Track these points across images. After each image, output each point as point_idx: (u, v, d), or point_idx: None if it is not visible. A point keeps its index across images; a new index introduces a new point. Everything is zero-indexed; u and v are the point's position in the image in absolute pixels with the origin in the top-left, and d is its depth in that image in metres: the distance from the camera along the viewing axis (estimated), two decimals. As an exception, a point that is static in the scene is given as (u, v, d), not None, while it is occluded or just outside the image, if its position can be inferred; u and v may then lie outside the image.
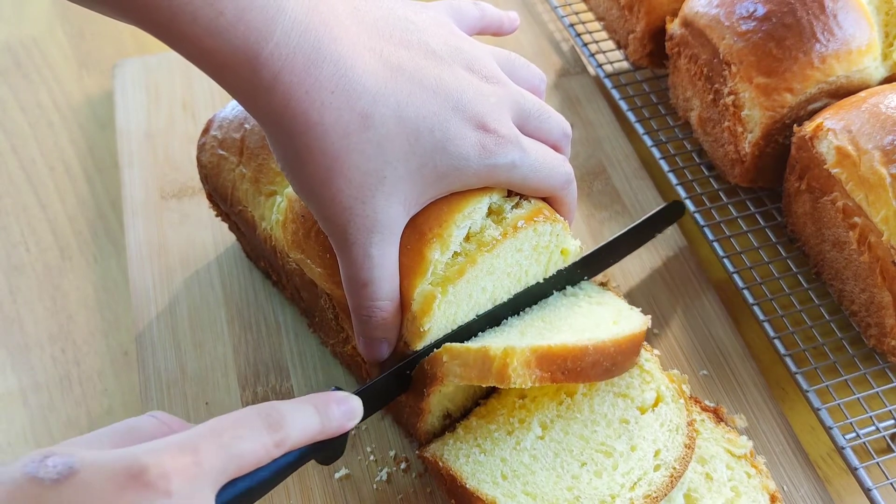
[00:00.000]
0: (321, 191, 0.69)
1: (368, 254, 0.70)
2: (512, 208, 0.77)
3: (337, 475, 0.81)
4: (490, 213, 0.77)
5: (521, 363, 0.70)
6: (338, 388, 0.68)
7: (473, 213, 0.75)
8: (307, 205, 0.72)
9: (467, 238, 0.75)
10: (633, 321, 0.79)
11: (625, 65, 1.14)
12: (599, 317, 0.79)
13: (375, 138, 0.68)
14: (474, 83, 0.73)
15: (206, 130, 0.91)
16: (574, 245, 0.82)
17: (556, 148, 0.79)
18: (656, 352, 0.81)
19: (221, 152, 0.87)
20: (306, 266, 0.79)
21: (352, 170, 0.68)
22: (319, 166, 0.68)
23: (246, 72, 0.64)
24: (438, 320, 0.74)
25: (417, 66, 0.70)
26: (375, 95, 0.67)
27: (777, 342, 0.87)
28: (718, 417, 0.81)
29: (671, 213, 0.95)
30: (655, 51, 1.08)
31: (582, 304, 0.82)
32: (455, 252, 0.74)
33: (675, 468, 0.73)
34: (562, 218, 0.79)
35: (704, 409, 0.81)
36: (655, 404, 0.78)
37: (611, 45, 1.16)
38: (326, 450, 0.67)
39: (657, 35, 1.06)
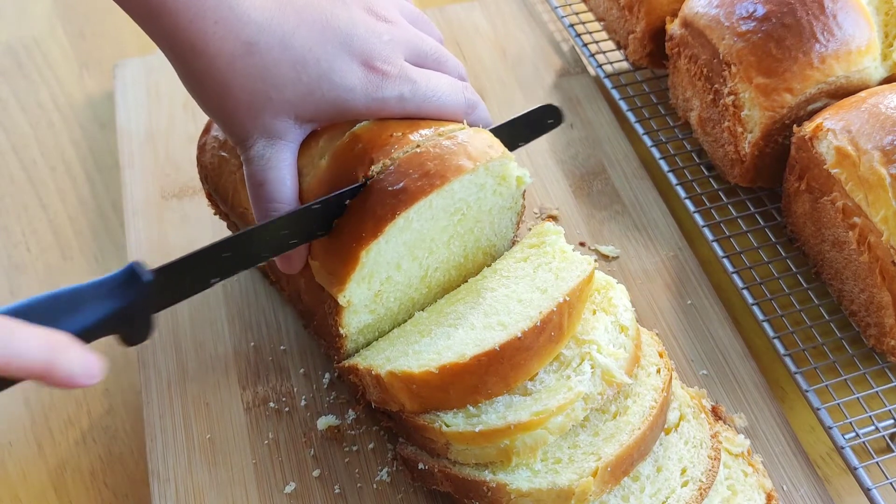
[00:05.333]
0: (218, 109, 0.76)
1: (262, 154, 0.76)
2: None
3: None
4: None
5: (596, 486, 0.71)
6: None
7: None
8: (213, 120, 0.78)
9: None
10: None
11: (625, 65, 1.14)
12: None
13: (260, 63, 0.74)
14: (369, 22, 0.77)
15: (206, 130, 0.91)
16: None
17: None
18: (673, 364, 0.81)
19: (223, 154, 0.87)
20: (316, 270, 0.80)
21: (239, 91, 0.74)
22: (212, 89, 0.75)
23: None
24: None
25: (308, 2, 0.76)
26: (261, 25, 0.73)
27: (777, 342, 0.87)
28: (717, 416, 0.81)
29: (546, 117, 0.90)
30: (655, 51, 1.08)
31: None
32: None
33: (702, 481, 0.74)
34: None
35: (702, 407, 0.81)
36: (678, 424, 0.78)
37: (611, 45, 1.16)
38: (129, 331, 0.68)
39: (657, 35, 1.06)
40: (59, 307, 0.63)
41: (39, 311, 0.62)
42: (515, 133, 0.86)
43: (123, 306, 0.66)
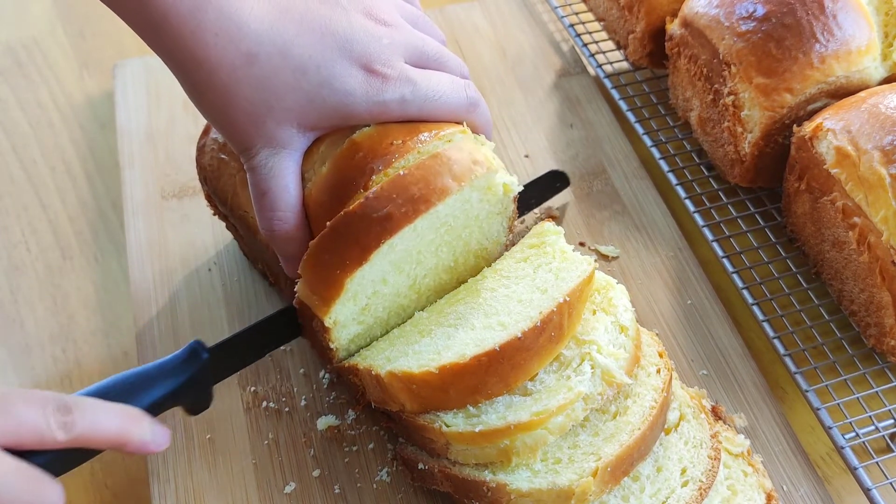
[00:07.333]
0: (221, 119, 0.76)
1: (265, 164, 0.77)
2: None
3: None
4: None
5: (596, 486, 0.71)
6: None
7: None
8: (216, 129, 0.78)
9: None
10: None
11: (625, 65, 1.14)
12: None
13: (261, 73, 0.74)
14: (368, 26, 0.77)
15: (205, 132, 0.91)
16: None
17: None
18: (673, 364, 0.81)
19: (222, 156, 0.87)
20: (301, 288, 0.79)
21: (241, 101, 0.74)
22: (214, 99, 0.75)
23: (135, 5, 0.71)
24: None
25: (307, 9, 0.76)
26: (261, 35, 0.73)
27: (777, 342, 0.87)
28: (717, 416, 0.81)
29: (554, 181, 0.95)
30: (655, 51, 1.08)
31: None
32: None
33: (702, 481, 0.74)
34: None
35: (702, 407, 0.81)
36: (678, 424, 0.78)
37: (611, 45, 1.16)
38: (191, 401, 0.75)
39: (657, 35, 1.06)
40: (131, 386, 0.71)
41: (115, 391, 0.70)
42: (525, 199, 0.86)
43: (186, 381, 0.73)
